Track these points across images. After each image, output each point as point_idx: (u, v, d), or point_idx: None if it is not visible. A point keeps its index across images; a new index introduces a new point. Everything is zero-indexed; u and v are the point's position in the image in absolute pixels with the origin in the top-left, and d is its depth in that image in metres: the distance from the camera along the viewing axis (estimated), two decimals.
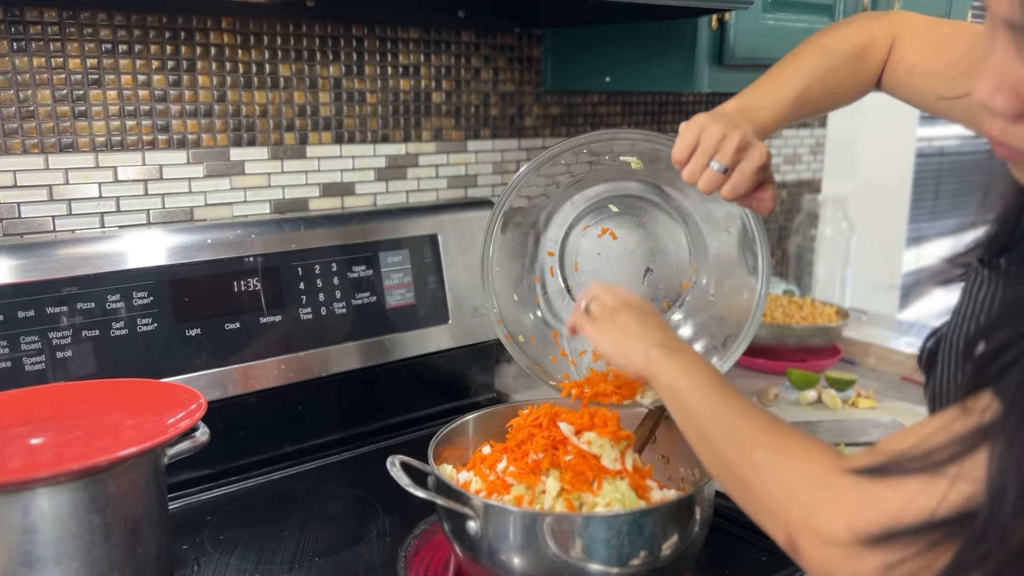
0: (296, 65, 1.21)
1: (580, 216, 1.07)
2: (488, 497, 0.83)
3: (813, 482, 0.62)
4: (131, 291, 1.01)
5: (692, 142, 0.83)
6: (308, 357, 1.14)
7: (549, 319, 1.08)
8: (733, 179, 0.82)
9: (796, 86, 0.91)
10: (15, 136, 1.02)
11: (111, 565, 0.77)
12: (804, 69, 0.92)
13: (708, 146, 0.82)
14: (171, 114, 1.12)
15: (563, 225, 1.07)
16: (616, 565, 0.77)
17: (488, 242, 1.03)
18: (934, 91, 0.89)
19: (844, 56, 0.93)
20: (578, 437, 0.86)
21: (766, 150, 0.82)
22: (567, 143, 0.99)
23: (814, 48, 0.94)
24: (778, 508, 0.64)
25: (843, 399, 1.37)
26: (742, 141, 0.81)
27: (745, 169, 0.82)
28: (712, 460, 0.73)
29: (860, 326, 1.72)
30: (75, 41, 1.04)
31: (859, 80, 0.95)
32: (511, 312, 1.05)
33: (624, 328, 0.84)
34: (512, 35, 1.42)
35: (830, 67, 0.92)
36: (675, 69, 1.23)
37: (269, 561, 0.91)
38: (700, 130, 0.82)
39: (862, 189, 2.26)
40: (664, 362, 0.78)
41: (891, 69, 0.94)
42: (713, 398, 0.74)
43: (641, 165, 1.01)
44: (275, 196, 1.23)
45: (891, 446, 0.59)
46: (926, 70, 0.90)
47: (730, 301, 1.02)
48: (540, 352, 1.05)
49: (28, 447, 0.78)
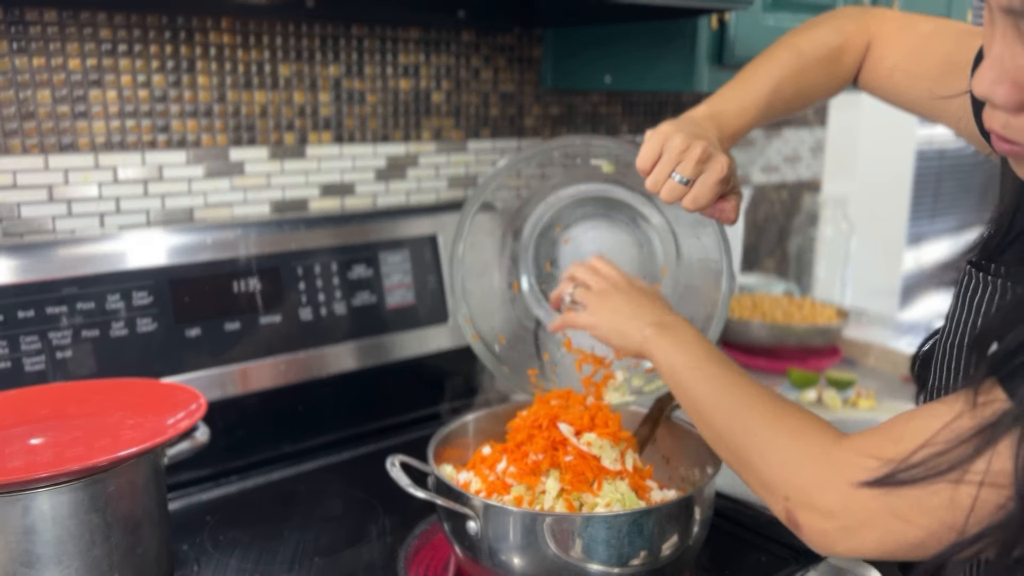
0: (296, 65, 1.21)
1: (554, 217, 1.08)
2: (488, 497, 0.83)
3: (812, 458, 0.63)
4: (131, 291, 1.01)
5: (655, 152, 0.82)
6: (308, 357, 1.14)
7: (523, 319, 1.08)
8: (694, 191, 0.81)
9: (766, 89, 0.90)
10: (15, 136, 1.02)
11: (111, 565, 0.77)
12: (775, 71, 0.91)
13: (670, 157, 0.81)
14: (171, 114, 1.12)
15: (536, 225, 1.08)
16: (616, 565, 0.77)
17: (459, 240, 1.03)
18: (924, 90, 0.88)
19: (817, 57, 0.92)
20: (578, 438, 0.86)
21: (727, 162, 0.81)
22: (541, 146, 1.00)
23: (786, 49, 0.93)
24: (777, 484, 0.65)
25: (843, 399, 1.37)
26: (703, 153, 0.80)
27: (706, 181, 0.81)
28: (711, 435, 0.74)
29: (860, 326, 1.72)
30: (75, 41, 1.04)
31: (832, 81, 0.94)
32: (482, 311, 1.06)
33: (615, 309, 0.86)
34: (512, 35, 1.42)
35: (802, 68, 0.92)
36: (675, 69, 1.23)
37: (269, 561, 0.91)
38: (664, 140, 0.82)
39: (862, 189, 2.27)
40: (659, 340, 0.80)
41: (869, 69, 0.93)
42: (710, 374, 0.75)
43: (612, 168, 1.01)
44: (275, 196, 1.23)
45: (897, 446, 0.58)
46: (907, 70, 0.90)
47: (696, 306, 1.02)
48: (511, 351, 1.06)
49: (28, 447, 0.78)
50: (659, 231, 1.05)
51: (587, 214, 1.07)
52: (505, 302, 1.08)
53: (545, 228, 1.08)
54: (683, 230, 1.04)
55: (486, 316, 1.06)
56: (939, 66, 0.86)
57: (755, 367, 1.52)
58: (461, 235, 1.03)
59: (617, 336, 0.85)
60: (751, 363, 1.53)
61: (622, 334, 0.85)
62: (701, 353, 0.77)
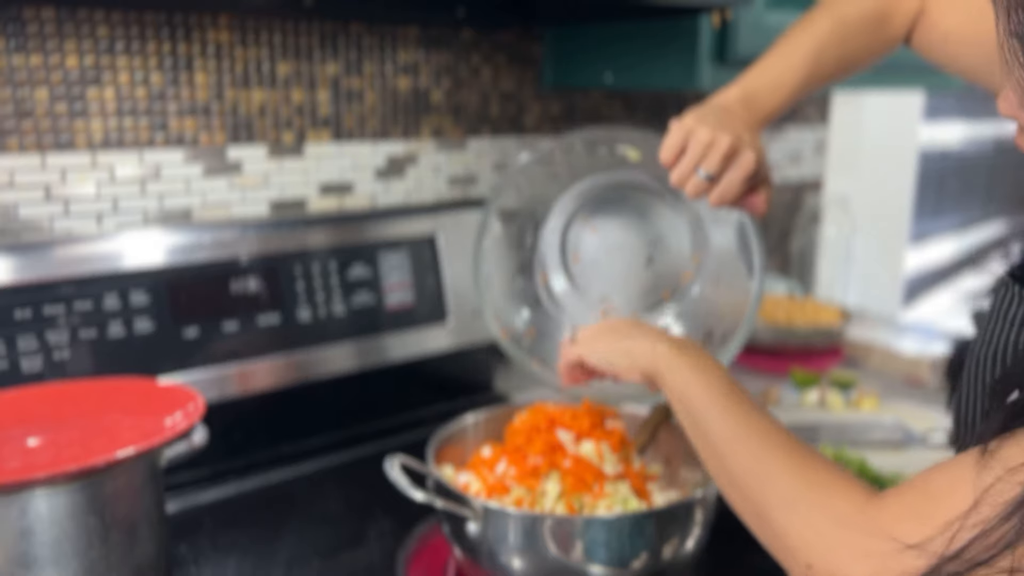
0: (294, 63, 1.21)
1: (579, 207, 1.06)
2: (488, 499, 0.82)
3: (842, 521, 0.56)
4: (128, 291, 1.01)
5: (679, 145, 0.79)
6: (306, 358, 1.13)
7: (551, 311, 1.07)
8: (720, 187, 0.78)
9: (805, 61, 0.84)
10: (12, 135, 1.01)
11: (109, 566, 0.76)
12: (815, 41, 0.84)
13: (695, 153, 0.77)
14: (168, 112, 1.11)
15: (563, 216, 1.07)
16: (617, 567, 0.76)
17: (483, 236, 1.02)
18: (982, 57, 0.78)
19: (862, 23, 0.84)
20: (577, 444, 0.85)
21: (754, 157, 0.77)
22: (564, 138, 0.98)
23: (826, 15, 0.85)
24: (799, 548, 0.58)
25: (845, 400, 1.36)
26: (730, 148, 0.76)
27: (733, 178, 0.78)
28: (723, 479, 0.66)
29: (862, 327, 1.71)
30: (72, 39, 1.03)
31: (877, 47, 0.86)
32: (507, 306, 1.05)
33: (618, 331, 0.79)
34: (512, 33, 1.42)
35: (844, 36, 0.84)
36: (676, 67, 1.22)
37: (267, 563, 0.90)
38: (687, 133, 0.78)
39: (865, 188, 2.26)
40: (674, 360, 0.72)
41: (922, 35, 0.85)
42: (728, 410, 0.67)
43: (639, 155, 0.99)
44: (273, 195, 1.22)
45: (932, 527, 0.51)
46: (962, 38, 0.81)
47: (726, 297, 1.01)
48: (539, 346, 1.05)
49: (25, 448, 0.78)
50: (689, 220, 1.03)
51: (614, 203, 1.06)
52: (530, 295, 1.07)
53: (570, 218, 1.06)
54: (710, 219, 1.02)
55: (511, 311, 1.04)
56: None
57: (757, 367, 1.52)
58: (486, 230, 1.02)
59: (621, 355, 0.77)
60: (753, 364, 1.53)
61: (627, 352, 0.76)
62: (718, 384, 0.69)
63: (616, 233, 1.05)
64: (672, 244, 1.04)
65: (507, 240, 1.05)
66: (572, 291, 1.06)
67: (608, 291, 1.04)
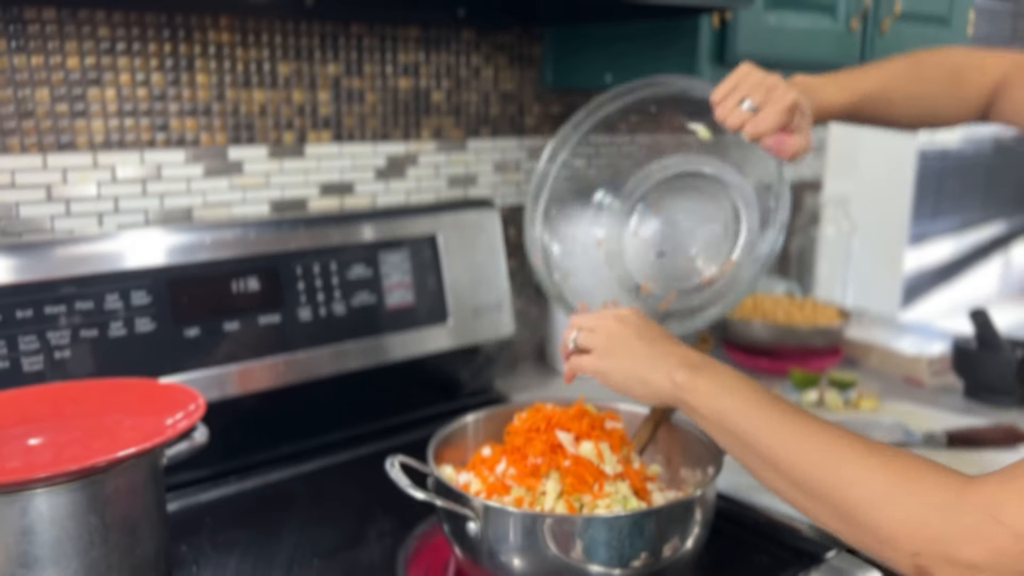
0: (295, 64, 1.21)
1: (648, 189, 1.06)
2: (488, 498, 0.82)
3: (944, 506, 0.57)
4: (129, 291, 1.01)
5: (732, 84, 0.83)
6: (307, 357, 1.13)
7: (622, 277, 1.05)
8: (758, 116, 0.81)
9: (873, 80, 0.90)
10: (13, 135, 1.01)
11: (109, 566, 0.76)
12: (886, 70, 0.91)
13: (744, 85, 0.82)
14: (169, 113, 1.12)
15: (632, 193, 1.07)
16: (617, 567, 0.76)
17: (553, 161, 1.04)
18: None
19: (935, 70, 0.91)
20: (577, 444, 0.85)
21: (795, 94, 0.81)
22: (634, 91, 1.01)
23: (906, 56, 0.93)
24: (900, 539, 0.58)
25: (845, 400, 1.36)
26: (776, 82, 0.81)
27: (772, 107, 0.80)
28: (788, 488, 0.66)
29: (862, 326, 1.71)
30: (73, 39, 1.03)
31: (951, 103, 0.92)
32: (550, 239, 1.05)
33: (631, 351, 0.77)
34: (512, 33, 1.42)
35: (916, 76, 0.91)
36: (676, 68, 1.22)
37: (267, 563, 0.90)
38: (742, 75, 0.83)
39: (864, 189, 2.26)
40: (697, 385, 0.72)
41: (1002, 107, 0.92)
42: (773, 417, 0.67)
43: (709, 135, 0.97)
44: (274, 195, 1.22)
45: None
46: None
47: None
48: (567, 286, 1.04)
49: (26, 448, 0.78)
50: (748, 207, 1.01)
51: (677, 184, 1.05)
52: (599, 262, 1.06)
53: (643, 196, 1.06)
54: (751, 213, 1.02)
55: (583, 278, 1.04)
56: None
57: (756, 367, 1.52)
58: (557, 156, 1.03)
59: (638, 385, 0.76)
60: (752, 364, 1.53)
61: (644, 382, 0.75)
62: (751, 394, 0.69)
63: (678, 216, 1.05)
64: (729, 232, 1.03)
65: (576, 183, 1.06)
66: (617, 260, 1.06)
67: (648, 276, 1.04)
